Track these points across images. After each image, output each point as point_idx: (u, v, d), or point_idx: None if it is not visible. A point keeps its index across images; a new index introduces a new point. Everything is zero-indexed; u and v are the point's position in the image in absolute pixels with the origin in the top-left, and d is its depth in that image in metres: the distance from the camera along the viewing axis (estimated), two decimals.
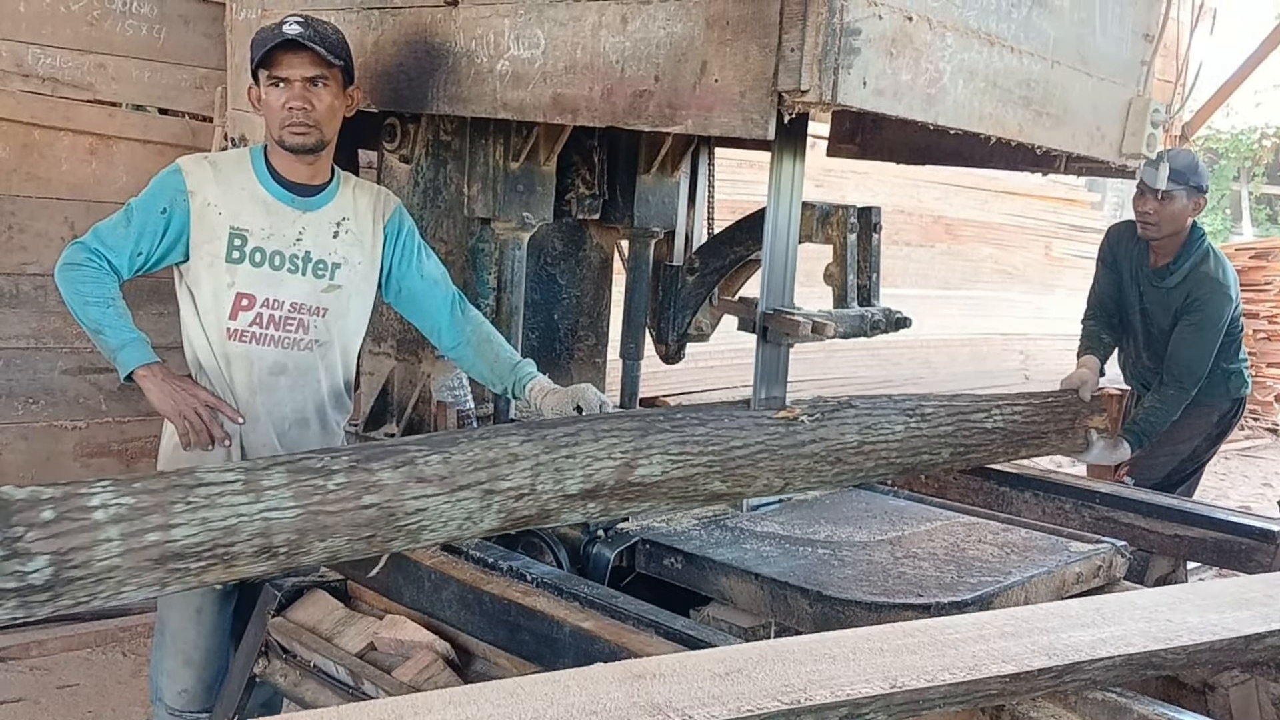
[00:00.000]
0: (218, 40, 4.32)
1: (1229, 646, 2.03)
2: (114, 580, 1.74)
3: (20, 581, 1.65)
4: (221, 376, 2.78)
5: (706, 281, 3.55)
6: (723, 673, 1.72)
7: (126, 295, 2.73)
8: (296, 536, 1.88)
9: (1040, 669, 1.83)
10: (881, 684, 1.71)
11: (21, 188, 4.28)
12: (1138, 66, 2.93)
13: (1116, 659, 1.90)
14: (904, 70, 2.21)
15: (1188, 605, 2.17)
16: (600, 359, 3.90)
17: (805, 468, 2.46)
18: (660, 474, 2.24)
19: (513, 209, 3.22)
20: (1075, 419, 3.23)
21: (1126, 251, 4.24)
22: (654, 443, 2.24)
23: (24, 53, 4.23)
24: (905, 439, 2.63)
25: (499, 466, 2.07)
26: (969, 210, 7.64)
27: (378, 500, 1.94)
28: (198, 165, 2.78)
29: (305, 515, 1.88)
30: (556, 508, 2.15)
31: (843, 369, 6.64)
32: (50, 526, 1.68)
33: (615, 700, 1.62)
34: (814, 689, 1.68)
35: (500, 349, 2.94)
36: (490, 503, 2.06)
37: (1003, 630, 1.98)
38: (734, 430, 2.35)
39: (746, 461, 2.36)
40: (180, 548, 1.77)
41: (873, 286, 2.96)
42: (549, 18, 2.57)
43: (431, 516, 2.00)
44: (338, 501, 1.91)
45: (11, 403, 4.31)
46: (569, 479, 2.13)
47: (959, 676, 1.77)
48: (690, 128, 2.32)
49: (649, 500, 2.29)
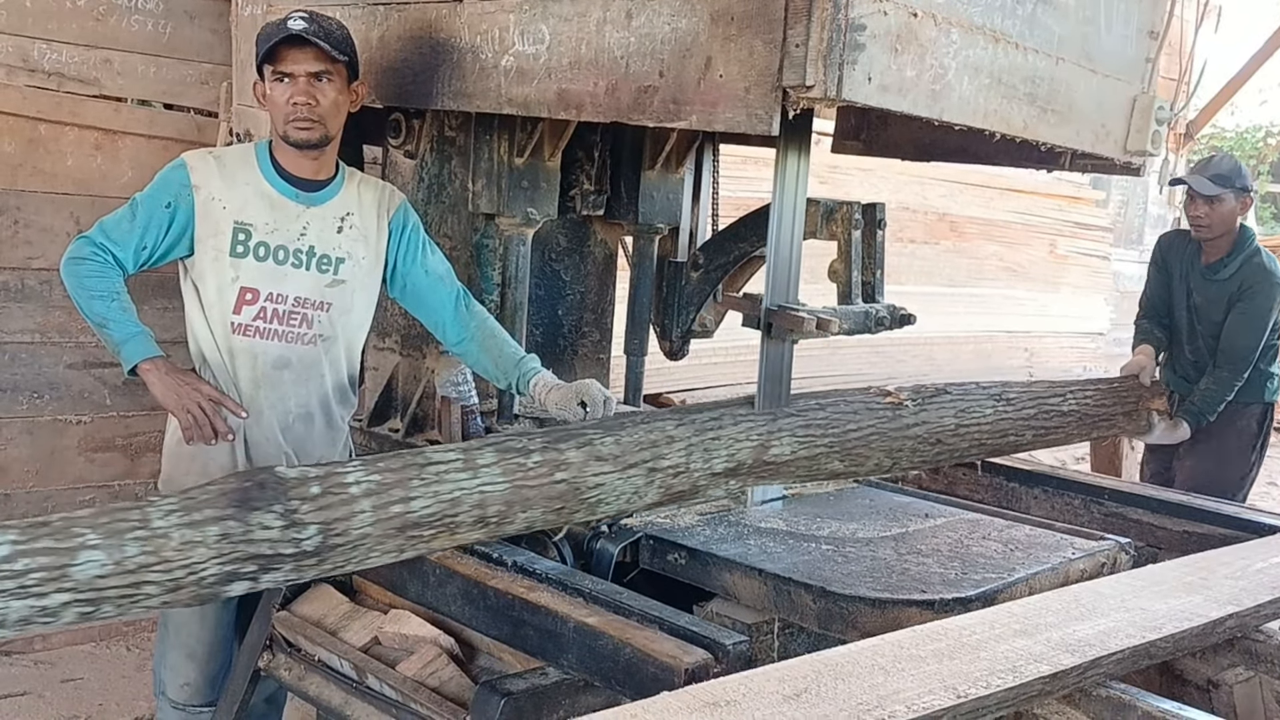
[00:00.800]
0: (223, 35, 4.32)
1: (1200, 632, 2.12)
2: (365, 547, 2.02)
3: (296, 548, 1.94)
4: (226, 371, 2.79)
5: (711, 278, 3.55)
6: (791, 694, 1.72)
7: (131, 290, 2.74)
8: (505, 508, 2.16)
9: (1070, 666, 1.88)
10: (946, 695, 1.74)
11: (27, 183, 4.28)
12: (1143, 64, 2.93)
13: (1124, 651, 1.96)
14: (909, 66, 2.21)
15: (1148, 593, 2.27)
16: (604, 355, 3.90)
17: (910, 448, 2.73)
18: (790, 454, 2.52)
19: (517, 205, 3.23)
20: (1139, 402, 3.48)
21: (1178, 255, 4.65)
22: (784, 426, 2.52)
23: (30, 47, 4.23)
24: (995, 422, 2.90)
25: (659, 447, 2.35)
26: (974, 208, 7.63)
27: (566, 476, 2.22)
28: (202, 160, 2.78)
29: (512, 489, 2.16)
30: (705, 484, 2.43)
31: (847, 366, 6.63)
32: (318, 500, 1.97)
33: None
34: (889, 704, 1.69)
35: (504, 344, 2.94)
36: (653, 479, 2.34)
37: (1013, 628, 2.03)
38: (849, 415, 2.63)
39: (861, 443, 2.63)
40: (417, 518, 2.05)
41: (877, 283, 2.96)
42: (554, 13, 2.57)
43: (607, 491, 2.28)
44: (536, 478, 2.19)
45: (16, 397, 4.31)
46: (715, 458, 2.41)
47: (1008, 681, 1.81)
48: (695, 123, 2.32)
49: (779, 478, 2.60)
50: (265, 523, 1.91)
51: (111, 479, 4.53)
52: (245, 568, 1.91)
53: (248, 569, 1.91)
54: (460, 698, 2.37)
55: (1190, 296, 4.57)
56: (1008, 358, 7.94)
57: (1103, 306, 8.93)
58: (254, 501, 1.92)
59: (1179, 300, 4.62)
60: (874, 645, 1.95)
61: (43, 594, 1.75)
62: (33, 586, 1.74)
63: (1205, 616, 2.14)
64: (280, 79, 2.71)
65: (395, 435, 3.40)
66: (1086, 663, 1.91)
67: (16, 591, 1.72)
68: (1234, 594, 2.32)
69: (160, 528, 1.86)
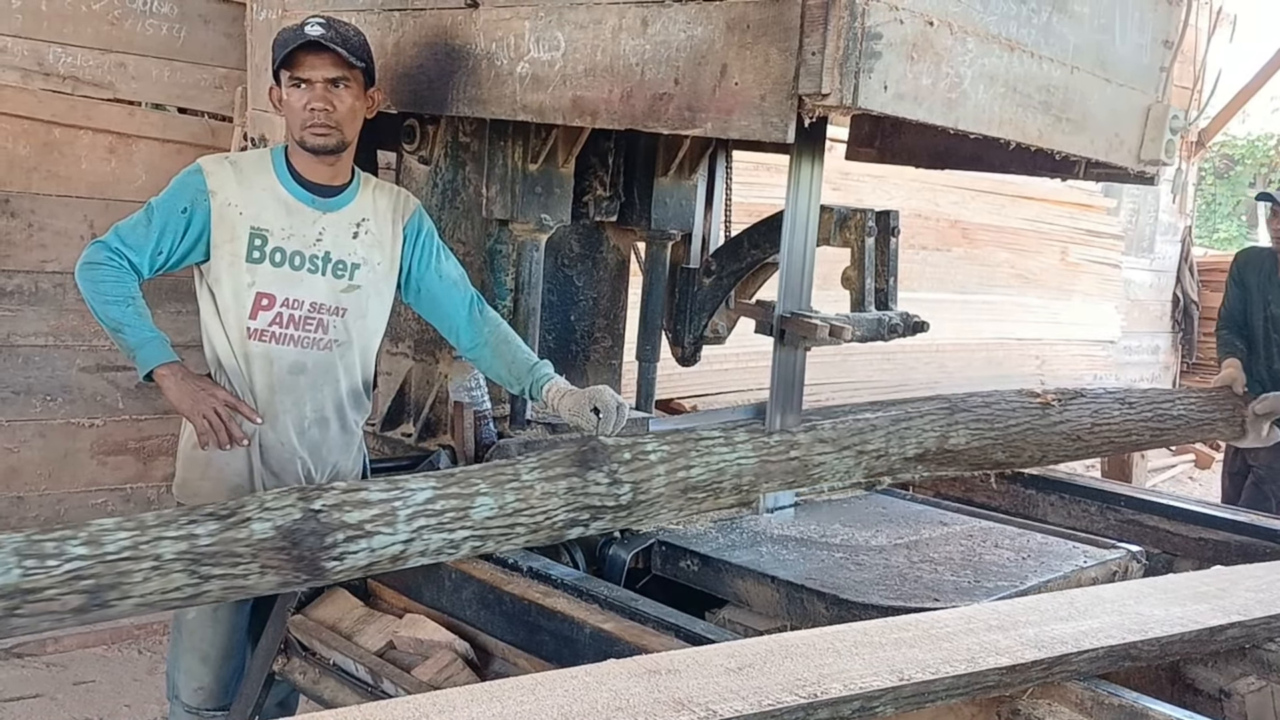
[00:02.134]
0: (238, 40, 4.34)
1: (1195, 638, 2.17)
2: (658, 504, 2.43)
3: (616, 501, 2.35)
4: (241, 375, 2.79)
5: (723, 284, 3.55)
6: (735, 668, 1.80)
7: (145, 294, 2.74)
8: (753, 479, 2.56)
9: (1033, 661, 1.93)
10: (889, 677, 1.81)
11: (41, 186, 4.30)
12: (1157, 73, 2.93)
13: (1100, 650, 2.01)
14: (925, 74, 2.21)
15: (1152, 599, 2.31)
16: (616, 361, 3.90)
17: (1057, 444, 3.08)
18: (964, 444, 2.88)
19: (531, 210, 3.23)
20: (1234, 409, 3.79)
21: (1255, 270, 5.08)
22: (959, 419, 2.89)
23: (45, 51, 4.25)
24: (1121, 423, 3.25)
25: (865, 434, 2.72)
26: (986, 215, 7.62)
27: (798, 455, 2.61)
28: (218, 165, 2.79)
29: (759, 463, 2.56)
30: (899, 468, 2.79)
31: (859, 373, 6.62)
32: (630, 464, 2.39)
33: (637, 696, 1.66)
34: (827, 683, 1.76)
35: (518, 350, 2.94)
36: (860, 461, 2.70)
37: (989, 624, 2.08)
38: (1010, 412, 3.00)
39: (1020, 437, 2.99)
40: (694, 482, 2.46)
41: (890, 290, 2.96)
42: (569, 20, 2.58)
43: (827, 470, 2.66)
44: (776, 454, 2.59)
45: (30, 400, 4.33)
46: (908, 445, 2.77)
47: (960, 669, 1.87)
48: (710, 131, 2.33)
49: (954, 466, 2.93)
50: (596, 480, 2.34)
51: (124, 482, 4.55)
52: (581, 515, 2.34)
53: (583, 517, 2.34)
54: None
55: (1268, 308, 4.95)
56: (1019, 365, 7.93)
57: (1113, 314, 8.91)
58: (589, 463, 2.36)
59: (1256, 312, 4.98)
60: (836, 631, 2.03)
61: (451, 530, 2.19)
62: (446, 524, 2.18)
63: (1202, 624, 2.16)
64: (297, 84, 2.72)
65: (408, 440, 3.41)
66: (1051, 658, 1.94)
67: (435, 526, 2.17)
68: (1246, 605, 2.32)
69: (528, 480, 2.29)
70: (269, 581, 2.04)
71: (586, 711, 1.61)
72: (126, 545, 1.92)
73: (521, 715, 1.59)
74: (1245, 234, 17.03)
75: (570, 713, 1.60)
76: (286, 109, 2.77)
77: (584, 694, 1.67)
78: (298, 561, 2.03)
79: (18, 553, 1.84)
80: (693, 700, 1.66)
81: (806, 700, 1.71)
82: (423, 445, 3.35)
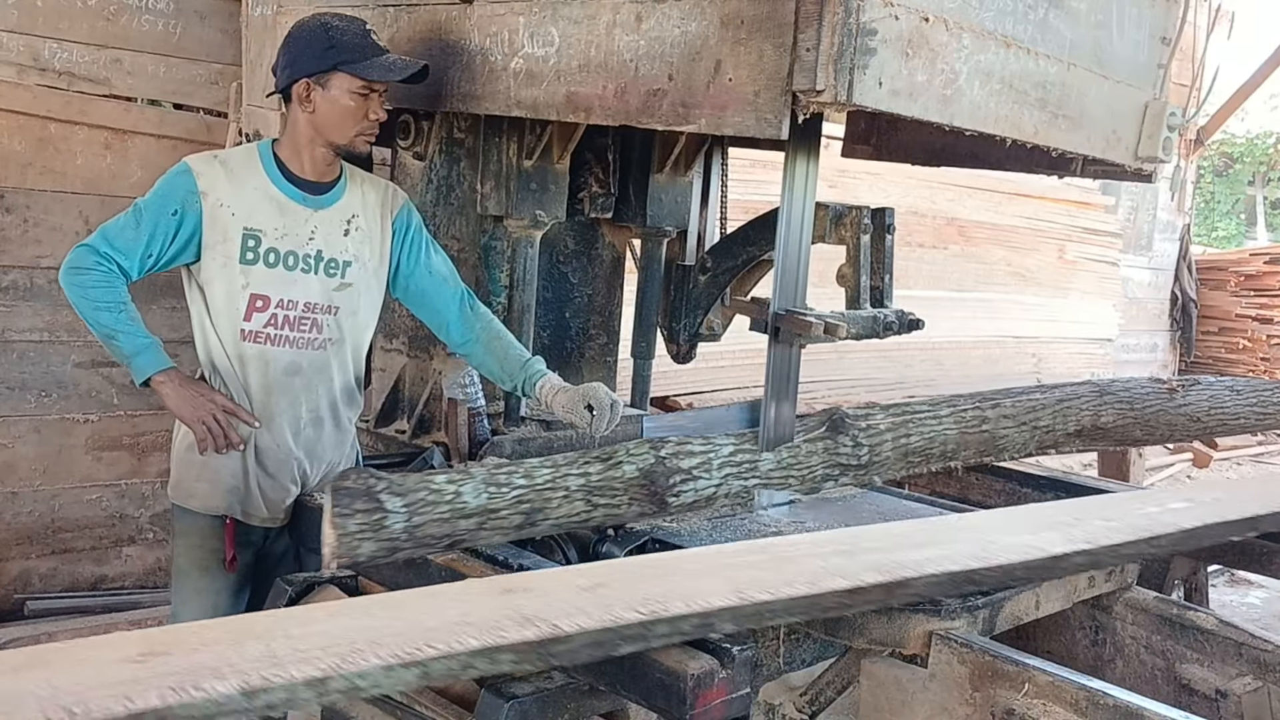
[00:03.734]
0: (233, 36, 4.33)
1: (1040, 564, 2.26)
2: (885, 466, 2.85)
3: (857, 461, 2.79)
4: (236, 377, 2.78)
5: (719, 281, 3.54)
6: (588, 586, 1.88)
7: (137, 291, 2.73)
8: (954, 448, 2.97)
9: (872, 584, 2.01)
10: (731, 596, 1.89)
11: (37, 181, 4.29)
12: (1154, 70, 2.92)
13: (941, 575, 2.09)
14: (920, 71, 2.20)
15: (1006, 527, 2.45)
16: (611, 358, 3.89)
17: (1181, 424, 3.50)
18: (1112, 422, 3.29)
19: (525, 207, 3.22)
20: None
21: None
22: (1106, 401, 3.30)
23: (41, 47, 4.24)
24: (1232, 407, 3.65)
25: (1036, 411, 3.13)
26: (982, 212, 7.61)
27: (988, 429, 3.03)
28: (208, 165, 2.76)
29: (959, 434, 2.98)
30: (1062, 442, 3.22)
31: (855, 371, 6.62)
32: (866, 431, 2.82)
33: (489, 611, 1.75)
34: (670, 601, 1.84)
35: (510, 346, 2.93)
36: (1034, 435, 3.12)
37: (838, 549, 2.17)
38: (1145, 396, 3.40)
39: (1153, 417, 3.39)
40: (912, 448, 2.89)
41: (886, 288, 2.95)
42: (563, 16, 2.57)
43: (1008, 442, 3.08)
44: (971, 428, 3.00)
45: (24, 395, 4.32)
46: (1069, 421, 3.19)
47: (799, 591, 1.95)
48: (704, 127, 2.32)
49: (1101, 442, 3.38)
50: (844, 443, 2.77)
51: (118, 478, 4.54)
52: (832, 471, 2.75)
53: (834, 473, 2.76)
54: (466, 701, 2.37)
55: None
56: (1015, 363, 7.93)
57: (1111, 313, 8.91)
58: (839, 428, 2.78)
59: None
60: (695, 553, 2.22)
61: (745, 479, 2.64)
62: (742, 473, 2.63)
63: (1047, 551, 2.24)
64: (365, 94, 2.72)
65: (402, 436, 3.40)
66: (891, 582, 2.02)
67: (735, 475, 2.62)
68: (1094, 534, 2.38)
69: (795, 441, 2.72)
70: (632, 511, 2.51)
71: (440, 625, 1.67)
72: (549, 478, 2.40)
73: (380, 627, 1.65)
74: (1244, 232, 17.03)
75: (426, 625, 1.67)
76: (335, 110, 2.73)
77: (439, 610, 1.76)
78: (651, 496, 2.50)
79: (484, 482, 2.33)
80: (540, 616, 1.73)
81: (647, 617, 1.79)
82: (416, 442, 3.34)
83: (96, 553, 4.55)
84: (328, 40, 2.70)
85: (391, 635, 1.62)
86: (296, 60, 2.73)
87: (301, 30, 2.75)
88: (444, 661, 1.61)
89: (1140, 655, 2.76)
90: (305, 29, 2.75)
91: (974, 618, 2.30)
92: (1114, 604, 2.78)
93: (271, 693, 1.47)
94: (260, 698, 1.47)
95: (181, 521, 2.89)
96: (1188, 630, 2.68)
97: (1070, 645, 2.88)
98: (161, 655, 1.51)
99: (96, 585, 4.57)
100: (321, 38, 2.71)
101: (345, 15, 2.79)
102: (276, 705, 1.49)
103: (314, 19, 2.77)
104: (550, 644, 1.70)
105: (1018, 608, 2.48)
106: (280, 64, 2.77)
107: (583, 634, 1.72)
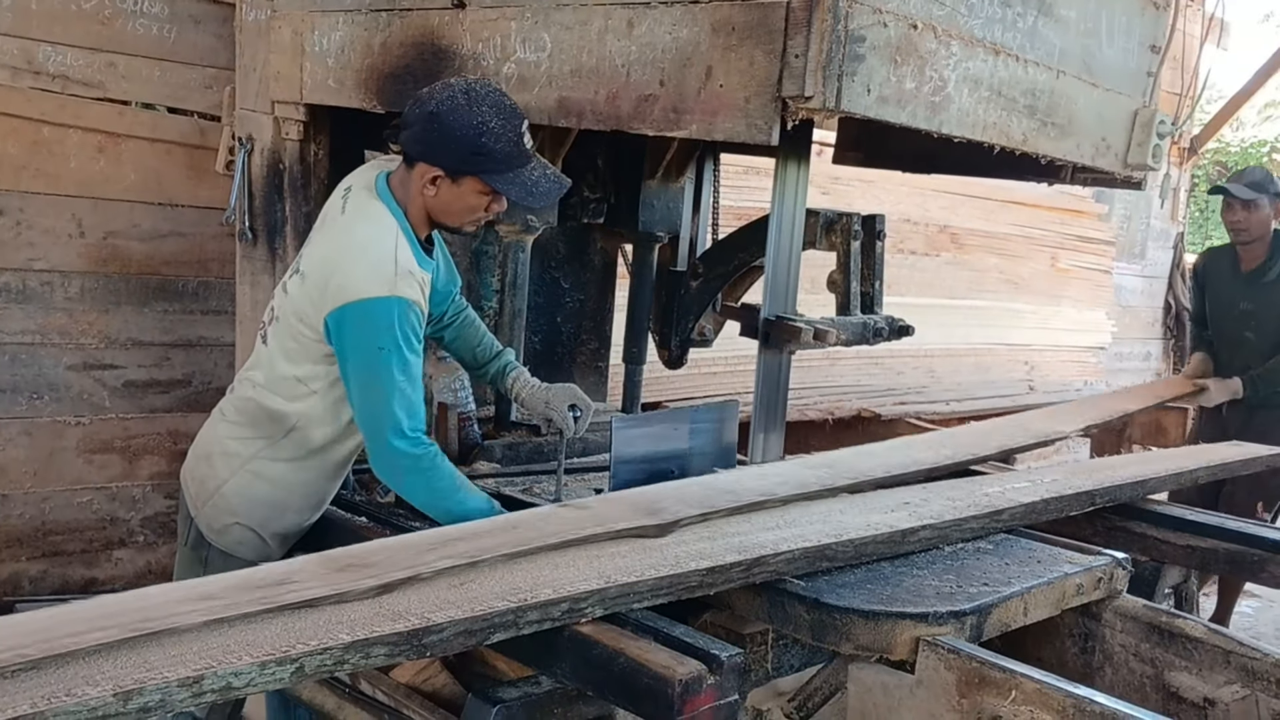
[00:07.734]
0: (227, 40, 4.33)
1: (888, 539, 2.47)
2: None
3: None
4: (340, 451, 2.76)
5: (710, 287, 3.55)
6: (458, 584, 2.00)
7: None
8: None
9: (732, 563, 2.18)
10: (597, 581, 2.03)
11: (30, 184, 4.28)
12: (1144, 78, 2.94)
13: (796, 552, 2.27)
14: (908, 78, 2.21)
15: (855, 508, 2.62)
16: (603, 363, 3.90)
17: None
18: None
19: (517, 212, 3.22)
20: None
21: (1216, 268, 5.22)
22: None
23: (35, 50, 4.24)
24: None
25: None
26: (975, 220, 7.61)
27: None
28: (409, 285, 2.54)
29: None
30: None
31: (846, 377, 6.62)
32: None
33: (362, 612, 1.84)
34: (539, 589, 1.97)
35: (484, 335, 2.98)
36: None
37: (700, 535, 2.34)
38: None
39: None
40: None
41: (876, 294, 2.96)
42: (555, 21, 2.58)
43: None
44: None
45: (16, 398, 4.31)
46: None
47: (663, 571, 2.10)
48: (695, 133, 2.33)
49: None
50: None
51: (110, 481, 4.53)
52: None
53: None
54: (453, 705, 2.37)
55: (1239, 305, 5.04)
56: (1008, 371, 7.93)
57: (1104, 321, 8.91)
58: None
59: (1226, 311, 5.10)
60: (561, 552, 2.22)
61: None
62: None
63: (895, 527, 2.49)
64: (496, 199, 2.61)
65: None
66: (750, 560, 2.20)
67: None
68: (939, 511, 2.64)
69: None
70: None
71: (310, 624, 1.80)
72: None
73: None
74: None
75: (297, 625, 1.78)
76: (454, 203, 2.60)
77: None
78: None
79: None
80: (411, 611, 1.83)
81: (516, 605, 1.90)
82: None
83: (87, 556, 4.54)
84: (477, 147, 2.50)
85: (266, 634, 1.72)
86: (436, 149, 2.53)
87: (454, 120, 2.49)
88: (317, 657, 1.69)
89: (1129, 663, 2.76)
90: (459, 121, 2.49)
91: (961, 624, 2.30)
92: (1103, 611, 2.78)
93: (146, 694, 1.52)
94: (135, 700, 1.51)
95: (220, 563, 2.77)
96: (1176, 638, 2.68)
97: (1059, 652, 2.87)
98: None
99: (87, 588, 4.56)
100: (472, 141, 2.49)
101: (506, 108, 2.53)
102: (152, 708, 1.52)
103: (472, 112, 2.49)
104: (423, 634, 1.79)
105: (1005, 614, 2.48)
106: (415, 133, 2.55)
107: (454, 624, 1.83)
